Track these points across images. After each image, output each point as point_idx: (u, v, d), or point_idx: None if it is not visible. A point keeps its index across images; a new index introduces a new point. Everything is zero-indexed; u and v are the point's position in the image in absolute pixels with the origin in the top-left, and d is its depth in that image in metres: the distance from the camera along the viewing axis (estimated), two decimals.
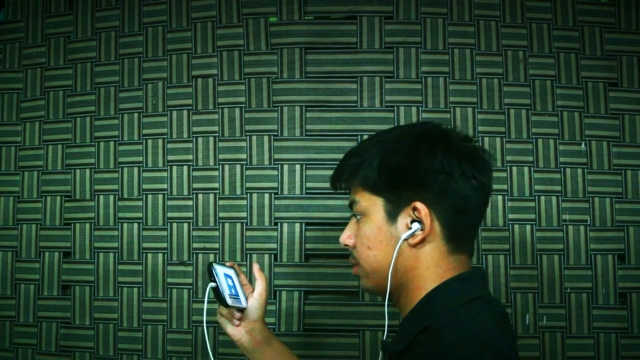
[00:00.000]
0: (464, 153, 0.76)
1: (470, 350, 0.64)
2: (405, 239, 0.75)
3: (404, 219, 0.76)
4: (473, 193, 0.75)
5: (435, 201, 0.74)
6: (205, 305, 0.87)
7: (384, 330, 1.16)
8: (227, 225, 1.24)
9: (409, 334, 0.72)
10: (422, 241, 0.75)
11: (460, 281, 0.75)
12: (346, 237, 0.83)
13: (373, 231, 0.77)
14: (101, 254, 1.26)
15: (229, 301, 0.86)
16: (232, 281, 0.90)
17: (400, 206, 0.76)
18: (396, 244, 0.75)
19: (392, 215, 0.76)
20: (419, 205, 0.74)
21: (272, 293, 1.21)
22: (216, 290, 0.85)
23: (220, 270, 0.88)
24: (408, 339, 0.72)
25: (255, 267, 0.95)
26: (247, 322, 0.91)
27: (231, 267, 0.93)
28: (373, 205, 0.78)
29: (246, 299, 0.92)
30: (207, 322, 0.87)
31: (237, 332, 0.91)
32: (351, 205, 0.82)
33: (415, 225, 0.74)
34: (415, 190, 0.75)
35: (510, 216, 1.19)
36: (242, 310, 0.90)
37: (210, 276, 0.86)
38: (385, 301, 0.77)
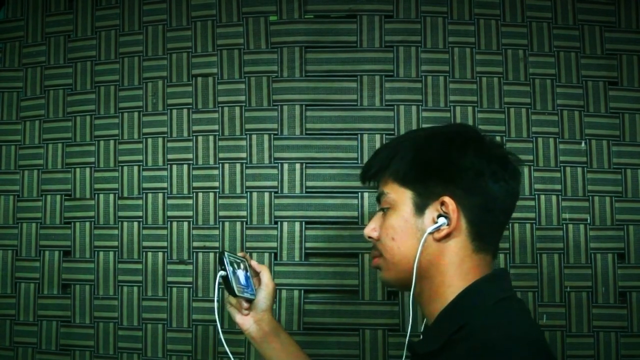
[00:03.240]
0: (496, 156, 0.77)
1: (516, 346, 0.64)
2: (431, 233, 0.75)
3: (431, 213, 0.76)
4: (501, 195, 0.75)
5: (464, 198, 0.75)
6: (216, 293, 0.88)
7: (384, 328, 1.17)
8: (227, 224, 1.24)
9: (442, 333, 0.72)
10: (447, 236, 0.75)
11: (490, 281, 0.75)
12: (370, 229, 0.82)
13: (399, 223, 0.78)
14: (101, 253, 1.26)
15: (237, 291, 0.85)
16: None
17: (428, 199, 0.76)
18: (421, 236, 0.75)
19: (419, 208, 0.77)
20: (447, 199, 0.74)
21: None
22: (226, 279, 0.84)
23: (231, 260, 0.87)
24: (443, 339, 0.71)
25: (254, 263, 0.95)
26: (256, 312, 0.91)
27: (243, 257, 0.93)
28: (402, 197, 0.78)
29: (255, 289, 0.92)
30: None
31: (245, 321, 0.91)
32: (379, 198, 0.82)
33: (442, 220, 0.75)
34: (444, 185, 0.75)
35: None
36: (250, 300, 0.90)
37: (222, 265, 0.85)
38: (407, 295, 0.77)
